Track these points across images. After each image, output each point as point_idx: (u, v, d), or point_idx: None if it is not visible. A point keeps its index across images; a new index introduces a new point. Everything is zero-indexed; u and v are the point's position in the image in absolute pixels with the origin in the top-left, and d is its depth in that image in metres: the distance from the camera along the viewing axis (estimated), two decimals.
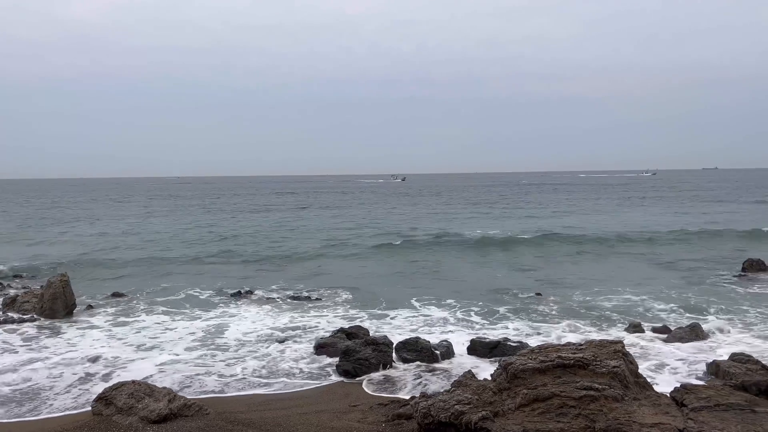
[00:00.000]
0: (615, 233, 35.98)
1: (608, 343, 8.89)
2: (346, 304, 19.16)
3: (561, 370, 8.24)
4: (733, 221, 44.26)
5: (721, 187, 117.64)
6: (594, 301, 18.94)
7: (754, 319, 16.35)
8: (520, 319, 16.80)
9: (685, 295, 19.53)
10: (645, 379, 8.62)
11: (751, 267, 23.71)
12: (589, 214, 55.38)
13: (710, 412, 7.37)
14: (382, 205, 73.38)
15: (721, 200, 73.24)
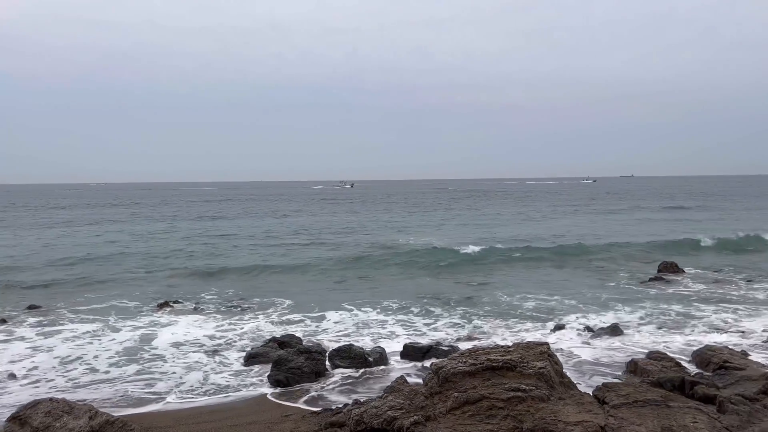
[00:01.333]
0: (548, 240, 37.20)
1: (535, 344, 9.19)
2: (279, 313, 18.90)
3: (490, 373, 8.45)
4: (654, 228, 46.74)
5: (645, 192, 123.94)
6: (523, 304, 19.51)
7: (667, 317, 17.30)
8: (453, 323, 17.08)
9: (606, 298, 20.43)
10: (569, 379, 8.96)
11: (666, 269, 25.10)
12: (527, 221, 57.02)
13: (629, 408, 7.74)
14: (330, 212, 72.75)
15: (643, 207, 77.09)
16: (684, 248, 32.74)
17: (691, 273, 25.22)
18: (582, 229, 46.61)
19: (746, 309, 18.22)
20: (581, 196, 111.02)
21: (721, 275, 24.80)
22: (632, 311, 18.27)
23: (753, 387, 9.60)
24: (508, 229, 46.33)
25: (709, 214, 61.19)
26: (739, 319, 16.94)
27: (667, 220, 53.89)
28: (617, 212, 66.00)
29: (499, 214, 64.76)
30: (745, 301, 19.48)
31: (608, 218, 57.44)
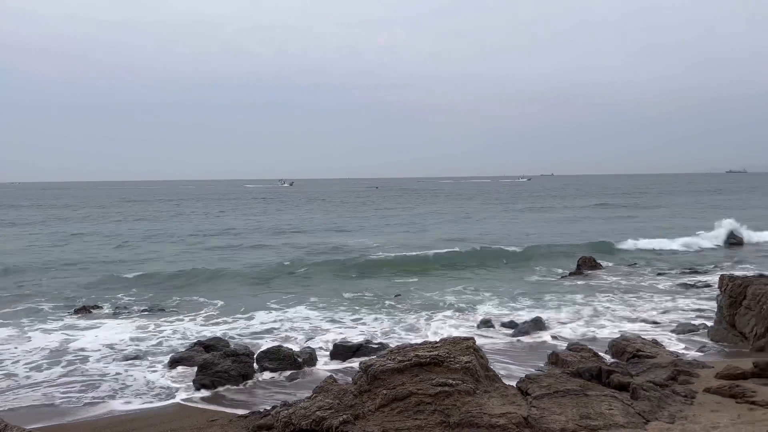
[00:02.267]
0: (475, 240, 38.00)
1: (461, 339, 9.37)
2: (205, 316, 18.41)
3: (418, 369, 8.54)
4: (575, 225, 48.74)
5: (572, 190, 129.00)
6: (450, 302, 19.86)
7: (586, 309, 18.08)
8: (382, 321, 17.19)
9: (528, 293, 21.14)
10: (494, 372, 9.19)
11: (585, 264, 26.25)
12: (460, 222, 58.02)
13: (550, 398, 8.03)
14: (261, 212, 71.07)
15: (565, 205, 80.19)
16: (603, 245, 34.29)
17: (609, 267, 26.50)
18: (509, 226, 48.06)
19: (654, 299, 19.31)
20: (510, 195, 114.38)
21: (635, 269, 26.19)
22: (553, 305, 18.98)
23: (663, 374, 10.19)
24: (441, 228, 47.09)
25: (635, 211, 64.49)
26: (649, 309, 17.94)
27: (590, 218, 56.37)
28: (547, 210, 68.38)
29: (432, 213, 65.69)
30: (654, 291, 20.65)
31: (536, 216, 59.39)
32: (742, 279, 13.93)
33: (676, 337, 14.68)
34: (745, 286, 13.36)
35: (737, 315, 13.42)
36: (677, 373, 10.00)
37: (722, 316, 14.10)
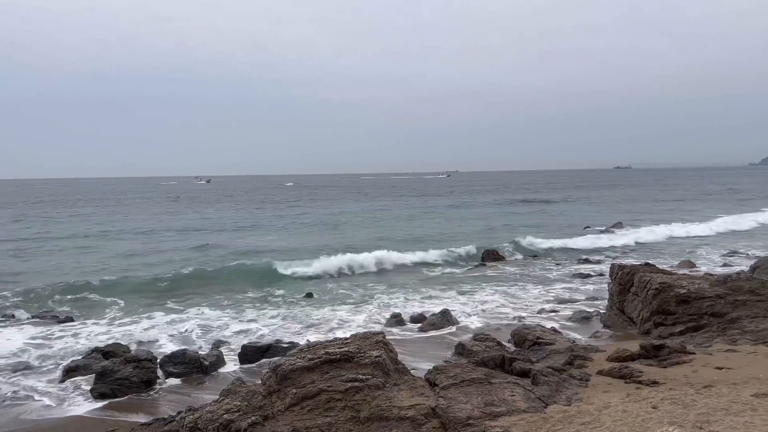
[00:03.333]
0: (389, 239, 38.44)
1: (371, 334, 9.46)
2: (104, 321, 17.43)
3: (329, 366, 8.53)
4: (479, 221, 50.39)
5: (465, 187, 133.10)
6: (360, 297, 19.97)
7: (491, 299, 18.80)
8: (290, 319, 17.01)
9: (435, 286, 21.66)
10: (403, 365, 9.34)
11: (489, 256, 27.27)
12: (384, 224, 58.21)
13: (457, 388, 8.27)
14: (175, 211, 67.67)
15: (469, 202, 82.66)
16: (507, 238, 35.72)
17: (511, 260, 27.65)
18: (418, 220, 48.97)
19: (554, 288, 20.39)
20: (430, 190, 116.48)
21: (535, 260, 27.49)
22: (460, 297, 19.57)
23: (561, 359, 10.77)
24: (353, 227, 47.20)
25: (538, 206, 67.52)
26: (549, 298, 18.91)
27: (496, 213, 58.51)
28: (467, 205, 70.22)
29: (349, 212, 65.71)
30: (554, 281, 21.79)
31: (453, 212, 60.80)
32: (629, 267, 14.98)
33: (573, 324, 15.55)
34: (632, 274, 14.38)
35: (626, 301, 14.42)
36: (573, 358, 10.61)
37: (613, 303, 15.11)
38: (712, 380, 8.24)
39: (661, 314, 12.91)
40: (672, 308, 12.76)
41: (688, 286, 13.06)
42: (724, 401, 7.08)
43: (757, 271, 19.88)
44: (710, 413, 6.68)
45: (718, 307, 12.35)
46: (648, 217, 47.85)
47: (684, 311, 12.58)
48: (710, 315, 12.27)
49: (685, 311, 12.57)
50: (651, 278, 13.64)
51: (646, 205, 63.41)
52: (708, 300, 12.52)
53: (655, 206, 62.13)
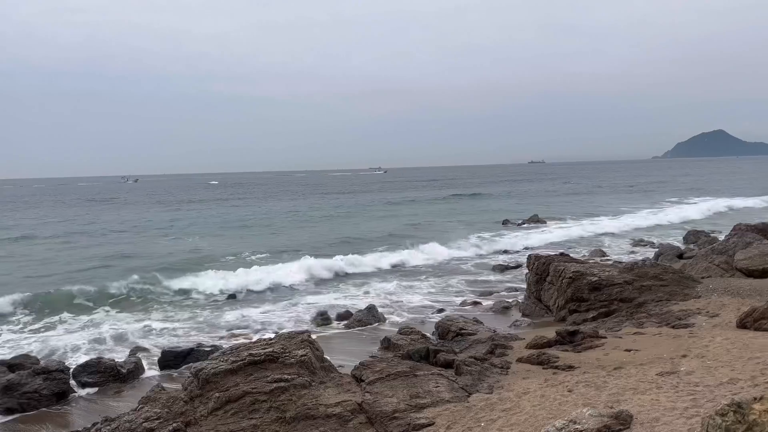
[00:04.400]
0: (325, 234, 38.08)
1: (296, 334, 9.39)
2: (9, 331, 16.33)
3: (253, 368, 8.39)
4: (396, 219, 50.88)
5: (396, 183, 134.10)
6: (289, 301, 19.74)
7: (415, 293, 19.07)
8: (211, 322, 16.57)
9: (361, 282, 21.72)
10: (330, 363, 9.33)
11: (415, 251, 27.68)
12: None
13: (383, 382, 8.35)
14: (88, 214, 63.38)
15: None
16: (433, 231, 36.30)
17: (431, 252, 28.12)
18: (353, 217, 48.91)
19: (476, 280, 20.96)
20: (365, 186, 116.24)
21: (460, 253, 28.10)
22: (384, 292, 19.73)
23: (483, 348, 11.09)
24: (287, 228, 46.50)
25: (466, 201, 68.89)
26: (471, 290, 19.42)
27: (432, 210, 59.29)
28: (405, 202, 70.57)
29: (284, 212, 64.57)
30: (476, 273, 22.39)
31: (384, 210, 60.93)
32: (545, 258, 15.61)
33: (494, 314, 16.03)
34: (547, 264, 14.99)
35: (542, 290, 15.03)
36: (494, 347, 10.95)
37: (530, 292, 15.70)
38: (621, 362, 8.73)
39: (575, 301, 13.55)
40: (585, 295, 13.42)
41: (599, 273, 13.77)
42: (632, 381, 7.52)
43: (660, 258, 21.25)
44: (620, 393, 7.08)
45: (627, 292, 13.10)
46: (562, 208, 50.05)
47: (596, 298, 13.25)
48: (619, 300, 12.99)
49: (597, 298, 13.25)
50: (565, 267, 14.27)
51: (560, 198, 66.30)
52: (617, 286, 13.25)
53: (568, 199, 65.07)
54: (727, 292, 12.88)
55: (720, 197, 54.53)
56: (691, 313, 11.37)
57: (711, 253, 17.04)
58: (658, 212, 43.94)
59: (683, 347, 8.97)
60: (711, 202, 48.99)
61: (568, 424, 5.63)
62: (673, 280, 13.54)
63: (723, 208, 45.09)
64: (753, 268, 14.66)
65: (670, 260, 19.94)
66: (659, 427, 5.72)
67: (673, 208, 47.45)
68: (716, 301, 12.11)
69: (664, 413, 6.08)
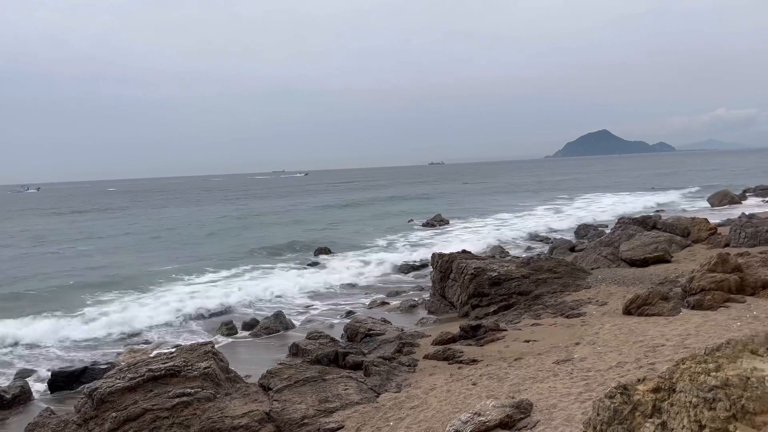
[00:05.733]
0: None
1: (199, 345, 9.06)
2: None
3: (153, 383, 8.01)
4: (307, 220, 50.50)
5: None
6: (198, 308, 18.97)
7: (324, 296, 18.97)
8: (106, 338, 15.63)
9: (268, 288, 21.32)
10: (236, 373, 9.09)
11: (321, 252, 27.57)
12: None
13: (291, 389, 8.24)
14: None
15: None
16: (335, 234, 36.28)
17: (340, 255, 28.16)
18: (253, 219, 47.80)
19: (383, 280, 21.19)
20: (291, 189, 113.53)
21: (365, 254, 28.29)
22: (295, 296, 19.49)
23: (391, 348, 11.23)
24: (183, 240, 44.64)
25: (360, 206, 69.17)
26: (379, 290, 19.60)
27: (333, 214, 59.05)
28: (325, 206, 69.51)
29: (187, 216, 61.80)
30: (382, 273, 22.62)
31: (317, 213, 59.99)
32: (448, 255, 16.04)
33: (401, 313, 16.26)
34: (450, 261, 15.42)
35: (446, 287, 15.43)
36: (402, 346, 11.13)
37: (435, 290, 16.08)
38: (521, 353, 9.14)
39: (477, 296, 14.02)
40: (486, 290, 13.92)
41: (498, 269, 14.33)
42: (531, 371, 7.89)
43: (554, 252, 22.46)
44: (521, 383, 7.41)
45: (524, 286, 13.73)
46: (464, 207, 51.70)
47: (496, 292, 13.78)
48: (518, 294, 13.59)
49: (497, 292, 13.78)
50: (467, 264, 14.74)
51: (461, 198, 68.41)
52: (515, 280, 13.85)
53: (469, 198, 67.27)
54: (613, 281, 13.83)
55: (606, 192, 58.81)
56: (583, 303, 12.10)
57: (599, 245, 18.23)
58: (552, 208, 46.48)
59: (576, 335, 9.52)
60: (598, 198, 52.65)
61: (472, 417, 5.81)
62: (566, 272, 14.34)
63: (609, 202, 48.40)
64: (635, 258, 15.84)
65: (563, 253, 21.11)
66: (556, 413, 6.03)
67: (564, 204, 50.35)
68: (605, 290, 12.96)
69: (560, 399, 6.42)
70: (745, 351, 3.93)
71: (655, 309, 10.18)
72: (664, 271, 14.18)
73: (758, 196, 42.45)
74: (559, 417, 5.89)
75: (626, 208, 41.63)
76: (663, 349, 7.73)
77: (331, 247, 28.99)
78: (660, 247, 16.10)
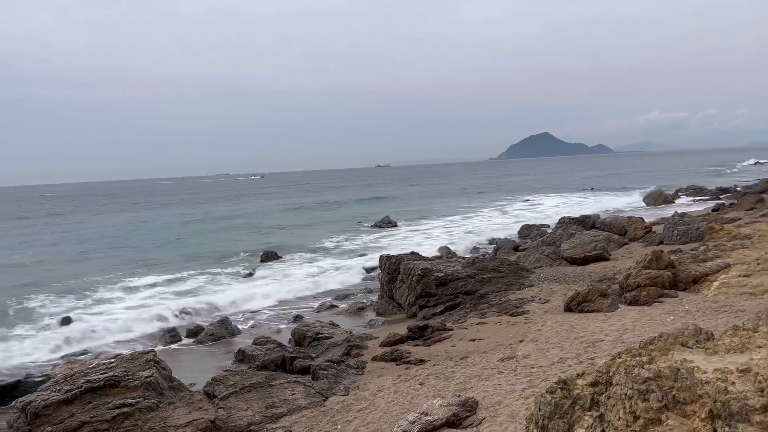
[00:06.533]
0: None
1: (140, 354, 8.80)
2: None
3: (91, 395, 7.73)
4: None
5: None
6: (140, 316, 18.39)
7: (271, 300, 18.71)
8: (42, 344, 14.98)
9: (212, 293, 20.91)
10: (179, 382, 8.87)
11: (268, 258, 27.21)
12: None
13: (237, 396, 8.10)
14: None
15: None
16: (279, 238, 35.89)
17: (288, 258, 27.91)
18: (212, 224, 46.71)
19: (332, 283, 21.09)
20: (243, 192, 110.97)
21: (313, 257, 28.13)
22: (241, 301, 19.13)
23: (339, 351, 11.20)
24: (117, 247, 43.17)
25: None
26: (327, 293, 19.50)
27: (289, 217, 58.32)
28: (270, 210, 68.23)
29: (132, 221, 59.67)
30: (331, 276, 22.52)
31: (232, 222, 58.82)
32: (396, 257, 16.12)
33: (350, 316, 16.24)
34: (398, 263, 15.50)
35: (394, 288, 15.51)
36: (350, 348, 11.11)
37: (384, 291, 16.13)
38: (467, 351, 9.28)
39: (425, 297, 14.15)
40: (433, 290, 14.06)
41: (445, 269, 14.50)
42: (477, 369, 8.02)
43: (499, 252, 22.91)
44: (467, 381, 7.52)
45: (470, 285, 13.95)
46: (411, 209, 52.10)
47: (443, 292, 13.95)
48: (464, 293, 13.79)
49: (443, 292, 13.95)
50: (414, 265, 14.86)
51: (408, 200, 68.90)
52: (462, 280, 14.06)
53: (416, 200, 67.84)
54: (555, 279, 14.22)
55: (549, 193, 60.56)
56: (526, 301, 12.39)
57: (541, 244, 18.70)
58: (497, 209, 47.46)
59: (520, 333, 9.74)
60: (541, 198, 54.16)
61: (419, 417, 5.86)
62: (510, 271, 14.65)
63: (552, 203, 49.78)
64: (576, 257, 16.34)
65: (507, 253, 21.56)
66: (501, 410, 6.15)
67: (509, 205, 51.48)
68: (547, 288, 13.31)
69: (505, 396, 6.55)
70: (676, 344, 4.12)
71: (594, 305, 10.52)
72: (602, 269, 14.68)
73: (689, 196, 44.56)
74: (504, 413, 6.01)
75: (567, 208, 42.92)
76: (602, 344, 8.00)
77: (278, 251, 28.66)
78: (599, 245, 16.65)
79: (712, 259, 12.14)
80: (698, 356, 3.52)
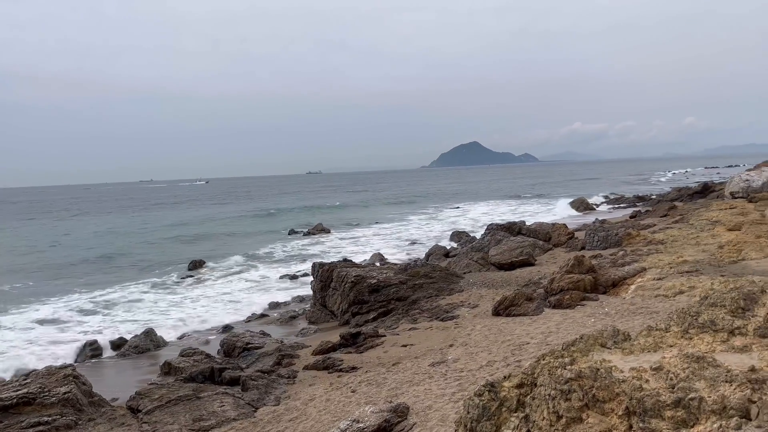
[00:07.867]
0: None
1: (57, 369, 8.36)
2: None
3: (3, 414, 7.26)
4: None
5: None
6: (59, 329, 17.44)
7: (197, 311, 18.20)
8: None
9: (135, 305, 20.15)
10: (100, 397, 8.48)
11: (195, 267, 26.49)
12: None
13: (162, 410, 7.81)
14: None
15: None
16: (209, 247, 35.04)
17: (217, 267, 27.26)
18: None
19: (265, 292, 20.76)
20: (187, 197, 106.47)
21: (244, 264, 27.59)
22: (167, 311, 18.52)
23: (270, 361, 11.02)
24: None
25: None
26: (257, 302, 19.15)
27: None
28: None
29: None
30: (263, 285, 22.17)
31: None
32: (329, 265, 16.06)
33: (282, 325, 16.01)
34: (331, 271, 15.45)
35: (327, 296, 15.43)
36: (282, 358, 10.95)
37: (316, 299, 16.02)
38: (399, 357, 9.35)
39: (357, 304, 14.16)
40: (366, 297, 14.09)
41: (377, 276, 14.57)
42: (408, 374, 8.09)
43: (430, 258, 23.24)
44: (398, 387, 7.57)
45: (402, 291, 14.07)
46: (343, 216, 52.10)
47: (375, 299, 14.00)
48: (396, 299, 13.90)
49: (376, 299, 14.00)
50: (347, 272, 14.84)
51: (342, 207, 68.86)
52: (394, 287, 14.16)
53: (349, 208, 67.90)
54: (484, 284, 14.57)
55: (478, 201, 62.14)
56: (456, 306, 12.62)
57: (471, 250, 19.12)
58: (428, 216, 48.20)
59: (450, 337, 9.91)
60: (470, 206, 55.52)
61: (351, 424, 5.85)
62: (440, 277, 14.89)
63: (481, 210, 51.04)
64: (503, 262, 16.81)
65: (438, 259, 21.90)
66: (432, 414, 6.23)
67: (439, 212, 52.39)
68: (476, 293, 13.61)
69: (435, 400, 6.64)
70: (596, 345, 4.31)
71: (520, 309, 10.84)
72: (528, 274, 15.17)
73: (609, 204, 46.80)
74: (435, 418, 6.09)
75: (495, 215, 44.11)
76: (528, 347, 8.25)
77: (206, 260, 27.95)
78: (525, 251, 17.20)
79: (630, 264, 12.80)
80: (616, 356, 3.70)
